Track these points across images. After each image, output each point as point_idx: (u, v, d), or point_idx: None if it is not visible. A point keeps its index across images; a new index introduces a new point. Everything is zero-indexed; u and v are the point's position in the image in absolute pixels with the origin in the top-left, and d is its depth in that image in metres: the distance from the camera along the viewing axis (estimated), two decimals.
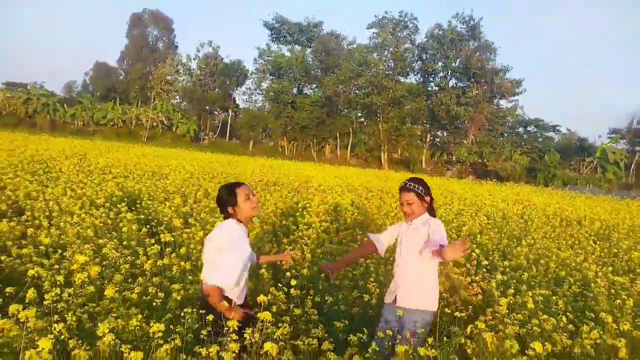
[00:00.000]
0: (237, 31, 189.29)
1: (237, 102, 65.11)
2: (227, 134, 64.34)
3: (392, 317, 3.12)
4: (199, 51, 63.31)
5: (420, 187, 3.19)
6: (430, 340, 2.52)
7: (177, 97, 66.99)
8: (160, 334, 2.19)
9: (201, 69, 62.25)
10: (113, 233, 5.22)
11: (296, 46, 56.70)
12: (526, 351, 2.70)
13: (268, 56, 55.09)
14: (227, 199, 2.87)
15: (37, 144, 20.51)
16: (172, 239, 4.98)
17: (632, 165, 53.02)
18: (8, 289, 3.00)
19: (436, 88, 50.20)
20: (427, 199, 3.21)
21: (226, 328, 2.38)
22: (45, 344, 1.74)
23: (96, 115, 61.02)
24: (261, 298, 2.65)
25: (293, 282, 3.86)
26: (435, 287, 3.18)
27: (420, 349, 2.37)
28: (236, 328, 2.39)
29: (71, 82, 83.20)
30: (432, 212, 3.28)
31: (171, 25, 77.73)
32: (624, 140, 56.68)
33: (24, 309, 2.68)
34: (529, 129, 61.29)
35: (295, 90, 54.53)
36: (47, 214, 6.10)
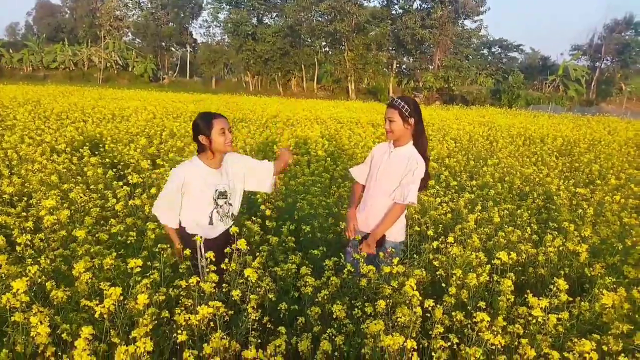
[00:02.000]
0: None
1: (194, 36, 62.21)
2: (188, 72, 61.94)
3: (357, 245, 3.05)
4: None
5: (406, 107, 2.93)
6: (396, 260, 2.60)
7: (130, 34, 63.27)
8: (138, 269, 2.19)
9: (152, 2, 58.48)
10: (78, 178, 5.07)
11: None
12: (492, 261, 2.83)
13: None
14: (201, 128, 2.77)
15: None
16: (141, 180, 4.89)
17: (593, 82, 54.22)
18: None
19: (400, 11, 48.92)
20: (412, 120, 2.94)
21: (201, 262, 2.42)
22: (19, 284, 1.71)
23: (45, 58, 57.42)
24: (233, 229, 2.66)
25: (268, 213, 3.89)
26: (404, 217, 3.09)
27: (385, 267, 2.46)
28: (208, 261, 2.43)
29: (13, 24, 77.54)
30: (420, 139, 3.03)
31: None
32: (586, 57, 57.48)
33: None
34: (493, 50, 61.26)
35: (255, 20, 52.22)
36: (7, 163, 5.85)
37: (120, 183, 4.81)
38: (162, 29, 58.24)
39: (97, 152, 6.86)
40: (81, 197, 4.07)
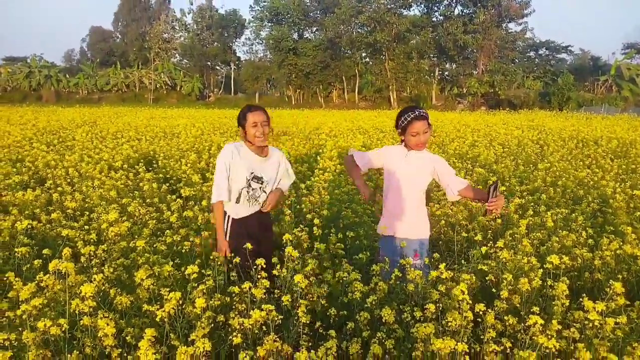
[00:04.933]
0: None
1: (237, 54, 63.95)
2: (232, 89, 63.67)
3: (393, 249, 3.13)
4: (192, 4, 61.69)
5: (429, 116, 3.10)
6: (443, 265, 2.59)
7: (177, 55, 65.89)
8: (195, 275, 2.30)
9: (197, 23, 60.81)
10: (135, 192, 5.34)
11: None
12: (544, 265, 2.76)
13: (264, 2, 53.28)
14: (239, 118, 3.06)
15: (47, 115, 20.61)
16: (193, 193, 5.10)
17: None
18: (45, 251, 3.14)
19: (441, 18, 48.34)
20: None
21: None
22: (87, 288, 1.85)
23: (99, 81, 60.67)
24: (286, 236, 2.74)
25: (316, 221, 3.96)
26: (427, 214, 3.27)
27: (433, 272, 2.47)
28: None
29: (69, 51, 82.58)
30: None
31: None
32: (639, 55, 54.60)
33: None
34: (540, 52, 59.26)
35: (295, 36, 53.16)
36: (69, 180, 6.24)
37: (174, 196, 5.04)
38: (207, 49, 60.33)
39: (151, 168, 7.20)
40: (139, 210, 4.29)
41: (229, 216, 3.06)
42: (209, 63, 62.52)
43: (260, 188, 3.08)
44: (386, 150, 3.33)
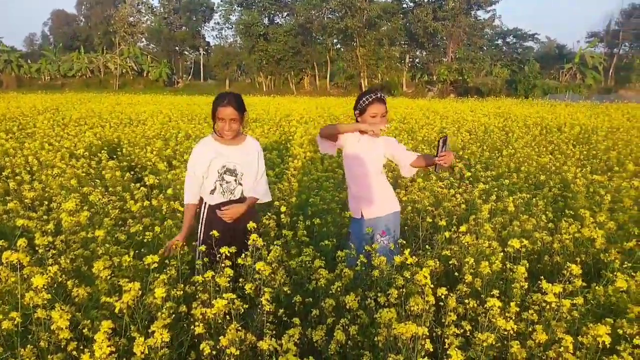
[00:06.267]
0: None
1: (207, 39, 62.74)
2: (202, 75, 62.51)
3: (362, 233, 3.19)
4: None
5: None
6: (407, 251, 2.62)
7: (144, 39, 64.09)
8: (155, 265, 2.25)
9: (164, 6, 59.15)
10: (97, 181, 5.19)
11: None
12: (505, 249, 2.83)
13: None
14: (212, 109, 3.03)
15: (7, 102, 19.79)
16: (158, 182, 4.98)
17: (611, 69, 53.08)
18: (0, 242, 3.02)
19: (412, 4, 48.56)
20: None
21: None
22: (38, 281, 1.78)
23: (62, 67, 58.56)
24: (250, 225, 2.71)
25: (283, 209, 3.94)
26: (391, 188, 3.36)
27: (397, 258, 2.50)
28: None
29: (31, 35, 79.24)
30: None
31: None
32: (602, 44, 56.29)
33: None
34: (507, 40, 60.26)
35: (266, 21, 52.46)
36: (28, 169, 6.01)
37: (138, 185, 4.92)
38: (175, 33, 58.87)
39: (115, 156, 7.00)
40: (100, 199, 4.16)
41: (205, 202, 3.03)
42: (177, 48, 61.09)
43: (235, 180, 3.00)
44: (346, 136, 3.34)
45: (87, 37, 67.48)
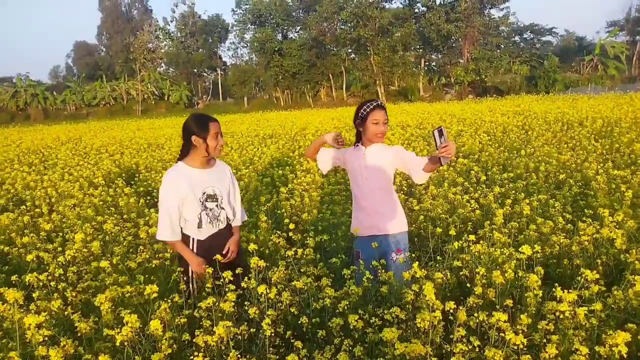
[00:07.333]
0: None
1: (223, 59, 63.80)
2: (220, 94, 63.47)
3: (371, 250, 3.06)
4: (174, 12, 61.55)
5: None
6: (416, 265, 2.55)
7: (163, 64, 65.62)
8: (155, 295, 2.24)
9: (180, 31, 60.55)
10: (112, 209, 5.27)
11: None
12: (516, 256, 2.72)
13: (246, 4, 53.06)
14: (196, 129, 2.79)
15: (32, 134, 20.47)
16: None
17: (635, 57, 51.59)
18: (13, 277, 3.08)
19: (424, 9, 48.34)
20: None
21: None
22: (30, 320, 1.79)
23: (86, 96, 60.38)
24: (252, 247, 2.68)
25: (291, 226, 3.90)
26: (400, 206, 3.23)
27: (405, 273, 2.43)
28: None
29: (55, 68, 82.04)
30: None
31: None
32: (623, 32, 54.85)
33: (29, 293, 2.77)
34: (525, 36, 59.43)
35: (279, 37, 53.02)
36: (47, 200, 6.16)
37: (152, 210, 4.97)
38: (192, 56, 60.09)
39: (132, 182, 7.12)
40: (113, 227, 4.22)
41: (193, 239, 2.88)
42: (195, 70, 62.30)
43: (217, 206, 2.90)
44: (343, 150, 3.30)
45: (108, 66, 69.56)
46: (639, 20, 53.82)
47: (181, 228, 2.87)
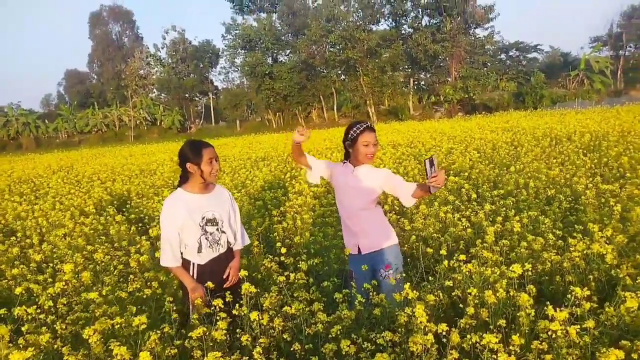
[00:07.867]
0: (199, 10, 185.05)
1: (215, 83, 64.28)
2: (213, 118, 63.73)
3: (363, 266, 3.11)
4: (164, 39, 62.17)
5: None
6: (407, 286, 2.55)
7: (154, 90, 65.94)
8: (144, 326, 2.22)
9: (171, 57, 61.04)
10: (102, 238, 5.23)
11: (261, 14, 55.31)
12: (508, 274, 2.73)
13: (235, 30, 53.73)
14: (190, 156, 2.84)
15: (24, 164, 20.37)
16: None
17: (619, 71, 52.60)
18: (2, 311, 3.04)
19: (410, 30, 49.19)
20: None
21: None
22: (17, 357, 1.76)
23: (78, 124, 60.39)
24: (242, 273, 2.67)
25: (283, 250, 3.89)
26: (387, 220, 3.29)
27: (396, 295, 2.42)
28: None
29: (47, 96, 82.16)
30: None
31: (132, 18, 75.72)
32: (607, 47, 56.01)
33: (18, 326, 2.73)
34: (510, 53, 60.44)
35: (270, 60, 53.57)
36: (38, 230, 6.11)
37: (144, 237, 4.94)
38: (184, 81, 60.46)
39: (124, 209, 7.08)
40: (104, 257, 4.18)
41: (193, 263, 2.90)
42: (187, 95, 62.63)
43: (217, 230, 2.92)
44: (332, 164, 3.38)
45: (100, 93, 69.77)
46: (621, 35, 55.02)
47: (181, 253, 2.90)
